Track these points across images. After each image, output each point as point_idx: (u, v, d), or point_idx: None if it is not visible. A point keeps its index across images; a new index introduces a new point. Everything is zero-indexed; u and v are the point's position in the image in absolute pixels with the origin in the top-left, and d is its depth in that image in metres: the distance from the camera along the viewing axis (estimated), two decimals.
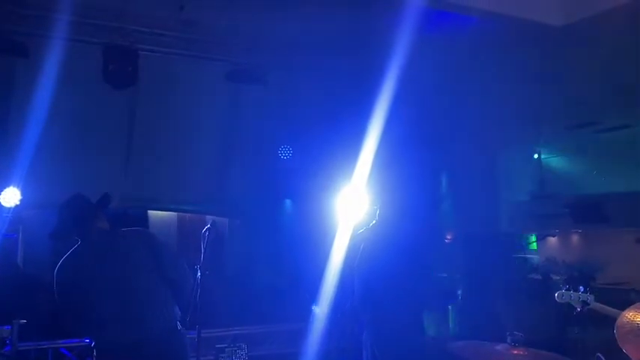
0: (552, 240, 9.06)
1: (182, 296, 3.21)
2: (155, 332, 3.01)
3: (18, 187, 5.25)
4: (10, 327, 4.46)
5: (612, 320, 2.80)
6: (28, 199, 5.43)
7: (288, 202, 9.32)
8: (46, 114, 4.86)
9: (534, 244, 9.14)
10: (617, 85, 5.76)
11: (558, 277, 8.07)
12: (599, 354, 3.10)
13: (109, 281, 3.02)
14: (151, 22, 4.89)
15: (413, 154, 6.85)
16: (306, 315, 5.26)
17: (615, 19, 4.07)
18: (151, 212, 10.05)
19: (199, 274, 3.15)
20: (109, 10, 4.74)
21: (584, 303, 3.22)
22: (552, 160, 8.76)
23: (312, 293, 5.06)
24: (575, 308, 3.25)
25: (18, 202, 4.89)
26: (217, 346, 5.12)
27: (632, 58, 4.86)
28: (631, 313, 2.71)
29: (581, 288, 3.26)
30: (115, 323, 3.00)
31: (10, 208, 5.22)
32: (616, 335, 2.68)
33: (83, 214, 3.11)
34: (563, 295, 3.26)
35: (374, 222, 4.32)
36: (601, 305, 3.22)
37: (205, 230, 3.25)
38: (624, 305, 2.82)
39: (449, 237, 8.77)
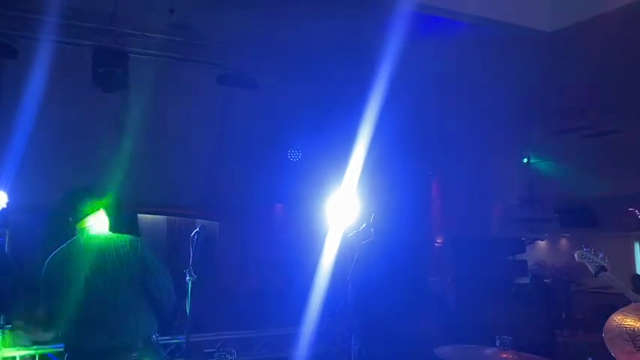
0: (541, 244, 9.12)
1: (162, 312, 3.19)
2: (127, 342, 2.97)
3: (5, 190, 5.17)
4: None
5: (606, 315, 2.75)
6: (16, 203, 5.36)
7: (278, 205, 9.31)
8: (35, 116, 4.80)
9: None
10: (605, 90, 5.82)
11: (547, 281, 8.12)
12: (589, 358, 3.09)
13: (91, 285, 2.99)
14: (141, 25, 4.87)
15: (403, 159, 6.87)
16: (295, 320, 5.24)
17: (604, 25, 4.11)
18: (140, 215, 9.99)
19: (188, 278, 3.12)
20: (99, 12, 4.71)
21: (601, 268, 3.03)
22: (541, 164, 8.84)
23: (302, 297, 5.05)
24: (590, 272, 3.07)
25: (5, 206, 4.82)
26: (206, 350, 5.07)
27: (621, 63, 4.92)
28: (619, 317, 2.72)
29: (601, 254, 3.08)
30: (89, 328, 2.98)
31: None
32: (604, 339, 2.69)
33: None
34: (582, 255, 3.09)
35: (364, 225, 4.32)
36: (613, 277, 3.02)
37: (194, 234, 3.22)
38: (612, 309, 2.83)
39: (439, 241, 8.81)
